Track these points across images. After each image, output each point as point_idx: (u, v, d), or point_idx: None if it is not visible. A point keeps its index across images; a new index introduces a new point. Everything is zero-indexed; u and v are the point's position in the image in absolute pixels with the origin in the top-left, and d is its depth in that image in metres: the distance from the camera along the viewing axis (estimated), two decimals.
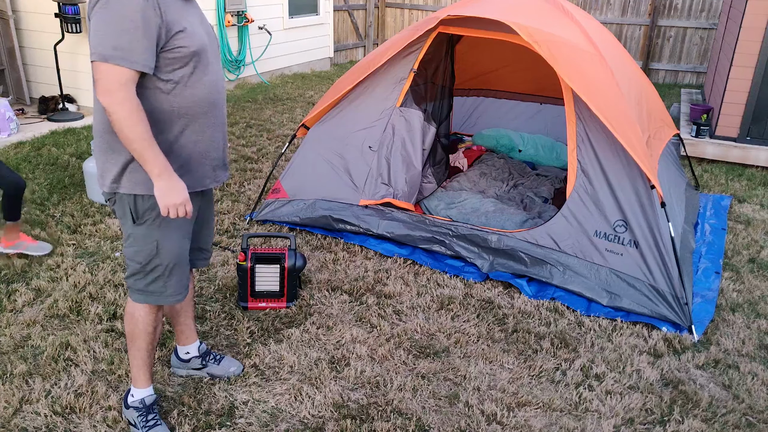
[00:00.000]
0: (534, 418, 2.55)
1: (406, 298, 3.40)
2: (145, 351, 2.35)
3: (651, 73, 9.98)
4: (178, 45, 1.99)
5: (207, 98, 2.13)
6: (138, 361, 2.36)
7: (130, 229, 2.17)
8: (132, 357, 2.36)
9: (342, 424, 2.47)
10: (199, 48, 2.05)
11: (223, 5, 7.84)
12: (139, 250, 2.18)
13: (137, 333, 2.32)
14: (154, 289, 2.26)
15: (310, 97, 8.23)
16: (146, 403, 2.38)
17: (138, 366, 2.37)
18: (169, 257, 2.22)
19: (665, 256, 3.23)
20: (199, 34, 2.07)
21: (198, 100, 2.10)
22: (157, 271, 2.22)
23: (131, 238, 2.18)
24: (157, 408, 2.42)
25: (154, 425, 2.36)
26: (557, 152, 5.48)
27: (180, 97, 2.06)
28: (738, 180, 5.47)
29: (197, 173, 2.21)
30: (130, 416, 2.39)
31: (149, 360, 2.38)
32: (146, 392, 2.40)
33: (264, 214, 4.20)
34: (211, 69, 2.14)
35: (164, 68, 2.00)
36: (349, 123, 4.08)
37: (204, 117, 2.15)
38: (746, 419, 2.60)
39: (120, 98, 1.89)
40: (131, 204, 2.12)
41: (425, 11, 11.33)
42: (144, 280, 2.23)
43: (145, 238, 2.16)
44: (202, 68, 2.09)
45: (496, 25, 3.72)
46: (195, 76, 2.07)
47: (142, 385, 2.39)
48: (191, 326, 2.68)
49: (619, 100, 3.47)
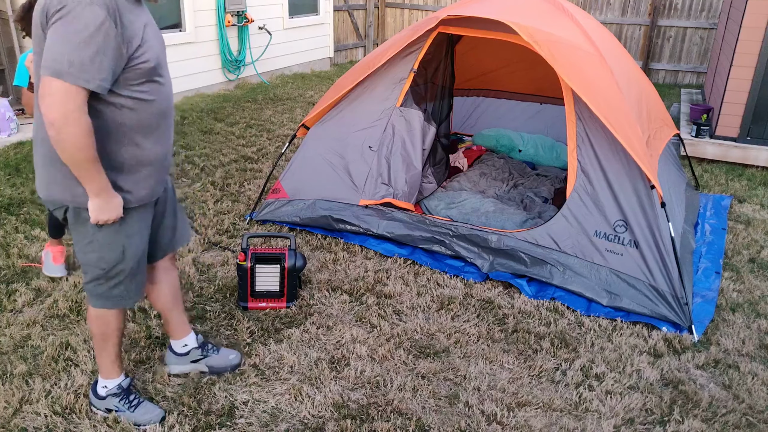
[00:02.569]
0: (534, 418, 2.55)
1: (406, 298, 3.39)
2: (118, 345, 2.38)
3: (651, 73, 9.98)
4: (138, 62, 1.95)
5: (165, 107, 2.12)
6: (111, 356, 2.39)
7: (90, 236, 2.10)
8: (105, 355, 2.38)
9: (342, 424, 2.47)
10: (156, 61, 2.02)
11: (223, 5, 7.84)
12: (103, 257, 2.13)
13: (109, 333, 2.33)
14: (117, 294, 2.24)
15: (310, 97, 8.23)
16: (123, 386, 2.43)
17: (111, 360, 2.39)
18: (132, 262, 2.21)
19: (665, 256, 3.23)
20: (154, 46, 2.02)
21: (158, 111, 2.09)
22: (120, 275, 2.20)
23: (93, 243, 2.11)
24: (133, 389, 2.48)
25: (138, 404, 2.42)
26: (557, 152, 5.48)
27: (144, 113, 2.03)
28: (738, 180, 5.47)
29: (159, 179, 2.20)
30: (110, 404, 2.42)
31: (120, 351, 2.42)
32: (120, 378, 2.44)
33: (264, 214, 4.20)
34: (166, 77, 2.12)
35: (127, 84, 1.95)
36: (349, 123, 4.08)
37: (164, 124, 2.14)
38: (746, 419, 2.60)
39: (73, 119, 1.81)
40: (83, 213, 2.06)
41: (425, 11, 11.33)
42: (106, 285, 2.21)
43: (110, 245, 2.12)
44: (160, 79, 2.07)
45: (496, 25, 3.72)
46: (155, 89, 2.05)
47: (116, 374, 2.43)
48: (184, 318, 2.68)
49: (619, 100, 3.47)
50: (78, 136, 1.82)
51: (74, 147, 1.83)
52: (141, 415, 2.41)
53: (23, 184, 4.68)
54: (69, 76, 1.78)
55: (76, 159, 1.86)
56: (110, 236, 2.11)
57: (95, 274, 2.19)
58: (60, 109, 1.78)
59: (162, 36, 2.14)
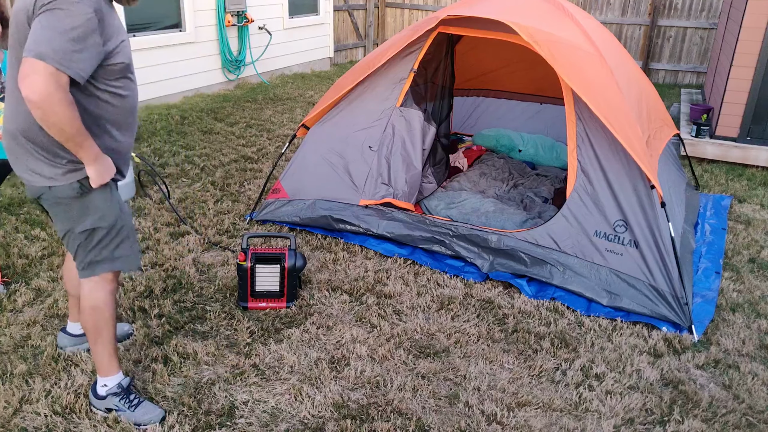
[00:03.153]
0: (534, 418, 2.55)
1: (406, 298, 3.39)
2: (112, 339, 2.41)
3: (651, 73, 9.99)
4: (115, 60, 2.08)
5: (135, 103, 2.27)
6: (107, 351, 2.41)
7: (84, 205, 2.19)
8: (100, 350, 2.40)
9: (342, 424, 2.47)
10: (129, 60, 2.16)
11: (223, 5, 7.84)
12: (104, 215, 2.23)
13: (103, 323, 2.36)
14: (122, 253, 2.32)
15: (310, 97, 8.23)
16: (123, 386, 2.45)
17: (108, 356, 2.42)
18: (129, 219, 2.35)
19: (665, 256, 3.23)
20: (126, 46, 2.15)
21: (130, 106, 2.23)
22: (123, 231, 2.30)
23: (90, 208, 2.20)
24: (133, 389, 2.51)
25: (138, 403, 2.44)
26: (557, 152, 5.48)
27: (120, 107, 2.17)
28: (738, 180, 5.48)
29: (125, 164, 2.35)
30: (110, 404, 2.44)
31: (115, 345, 2.45)
32: (120, 377, 2.47)
33: (264, 214, 4.20)
34: (135, 76, 2.26)
35: (105, 80, 2.08)
36: (349, 123, 4.08)
37: (131, 119, 2.27)
38: (746, 419, 2.60)
39: (58, 98, 1.89)
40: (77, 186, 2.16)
41: (425, 11, 11.33)
42: (111, 245, 2.28)
43: (106, 202, 2.23)
44: (131, 76, 2.21)
45: (496, 25, 3.72)
46: (128, 86, 2.19)
47: (114, 372, 2.45)
48: None
49: (619, 100, 3.47)
50: (63, 112, 1.91)
51: (62, 122, 1.92)
52: (141, 415, 2.42)
53: (23, 184, 4.68)
54: (52, 60, 1.86)
55: (66, 133, 1.95)
56: (104, 197, 2.22)
57: (99, 235, 2.25)
58: (42, 89, 1.85)
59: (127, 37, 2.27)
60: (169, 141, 5.97)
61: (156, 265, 3.63)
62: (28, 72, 1.85)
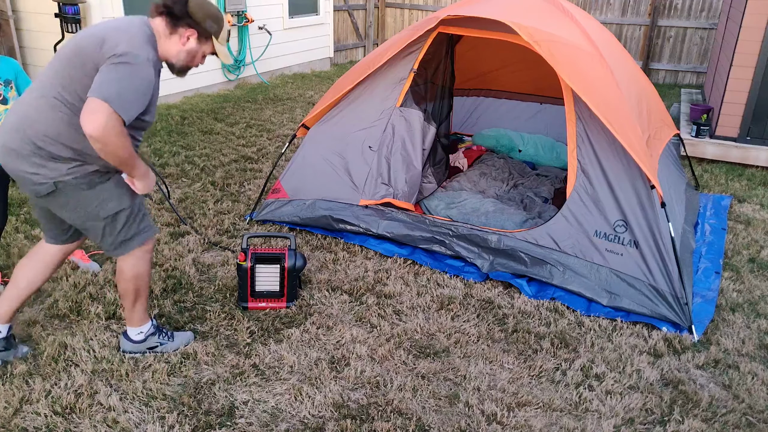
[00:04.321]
0: (534, 418, 2.55)
1: (406, 298, 3.39)
2: (147, 294, 2.75)
3: (651, 73, 9.99)
4: (144, 117, 2.44)
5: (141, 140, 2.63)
6: (144, 306, 2.74)
7: (102, 193, 2.45)
8: (138, 307, 2.71)
9: (342, 424, 2.47)
10: (153, 120, 2.54)
11: (223, 5, 7.84)
12: (122, 199, 2.50)
13: (143, 286, 2.69)
14: (146, 225, 2.64)
15: (310, 97, 8.23)
16: (156, 325, 2.83)
17: (144, 308, 2.74)
18: (139, 198, 2.61)
19: (665, 256, 3.23)
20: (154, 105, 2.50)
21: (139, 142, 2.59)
22: (141, 208, 2.62)
23: (109, 195, 2.46)
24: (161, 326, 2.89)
25: (172, 334, 2.86)
26: (557, 152, 5.48)
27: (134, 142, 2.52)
28: (738, 180, 5.48)
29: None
30: (151, 343, 2.79)
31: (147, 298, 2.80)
32: (151, 322, 2.82)
33: (264, 214, 4.20)
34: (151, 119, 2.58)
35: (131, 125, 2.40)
36: (349, 123, 4.08)
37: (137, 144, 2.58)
38: (746, 419, 2.60)
39: (115, 133, 2.20)
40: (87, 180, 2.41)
41: (425, 11, 11.33)
42: (135, 221, 2.57)
43: (119, 187, 2.50)
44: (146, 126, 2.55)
45: (496, 25, 3.72)
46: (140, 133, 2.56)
47: (148, 320, 2.80)
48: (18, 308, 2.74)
49: (619, 100, 3.47)
50: (117, 144, 2.23)
51: (117, 151, 2.24)
52: (179, 342, 2.85)
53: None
54: (115, 104, 2.18)
55: (121, 158, 2.28)
56: (116, 185, 2.50)
57: (124, 216, 2.53)
58: (102, 126, 2.16)
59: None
60: (169, 141, 5.97)
61: (156, 265, 3.63)
62: (93, 110, 2.15)
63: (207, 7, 2.48)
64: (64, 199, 2.44)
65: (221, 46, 2.57)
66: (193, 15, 2.43)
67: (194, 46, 2.50)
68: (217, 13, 2.51)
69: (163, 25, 2.43)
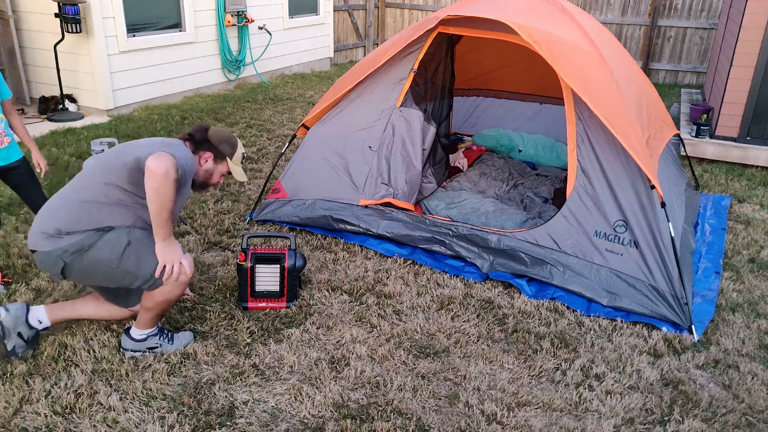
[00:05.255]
0: (534, 418, 2.55)
1: (406, 298, 3.39)
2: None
3: (651, 73, 9.99)
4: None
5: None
6: (160, 314, 2.79)
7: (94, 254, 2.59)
8: (155, 314, 2.76)
9: (342, 424, 2.47)
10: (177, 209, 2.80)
11: (223, 5, 7.84)
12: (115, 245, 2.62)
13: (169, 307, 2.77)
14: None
15: (310, 97, 8.23)
16: (159, 326, 2.88)
17: (158, 316, 2.80)
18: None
19: (665, 256, 3.23)
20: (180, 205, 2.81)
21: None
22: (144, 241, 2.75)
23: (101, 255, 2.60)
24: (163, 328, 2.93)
25: (172, 336, 2.89)
26: (557, 152, 5.48)
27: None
28: (738, 180, 5.48)
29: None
30: (151, 343, 2.83)
31: None
32: (158, 325, 2.87)
33: (264, 214, 4.20)
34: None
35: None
36: (349, 123, 4.08)
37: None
38: (746, 419, 2.60)
39: (172, 179, 2.48)
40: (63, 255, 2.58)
41: (425, 11, 11.33)
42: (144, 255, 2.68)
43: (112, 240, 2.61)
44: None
45: (496, 25, 3.72)
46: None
47: (154, 326, 2.84)
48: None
49: (619, 100, 3.47)
50: (170, 189, 2.48)
51: (165, 196, 2.47)
52: (179, 343, 2.89)
53: None
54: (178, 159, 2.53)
55: (163, 207, 2.49)
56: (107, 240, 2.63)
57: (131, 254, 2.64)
58: (167, 169, 2.45)
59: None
60: None
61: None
62: (162, 157, 2.45)
63: (223, 134, 2.87)
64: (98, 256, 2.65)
65: (236, 166, 2.90)
66: (211, 140, 2.83)
67: (211, 166, 2.85)
68: (231, 138, 2.89)
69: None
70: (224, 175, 2.92)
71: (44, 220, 2.59)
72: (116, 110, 6.78)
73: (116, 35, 6.56)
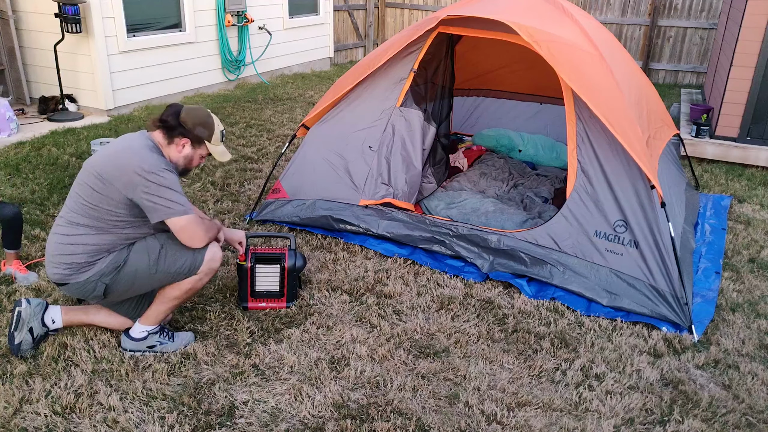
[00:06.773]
0: (534, 418, 2.55)
1: (406, 298, 3.39)
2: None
3: (651, 73, 9.99)
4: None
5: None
6: (169, 311, 2.83)
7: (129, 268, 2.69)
8: (165, 310, 2.80)
9: (342, 424, 2.47)
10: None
11: (223, 5, 7.84)
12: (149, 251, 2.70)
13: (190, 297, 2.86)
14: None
15: (310, 97, 8.23)
16: (160, 325, 2.88)
17: (166, 313, 2.82)
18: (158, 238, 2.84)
19: (665, 256, 3.23)
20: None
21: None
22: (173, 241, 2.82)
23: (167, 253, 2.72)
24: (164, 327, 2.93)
25: (173, 335, 2.88)
26: (557, 152, 5.48)
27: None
28: (738, 180, 5.48)
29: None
30: (151, 341, 2.82)
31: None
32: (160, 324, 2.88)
33: (264, 214, 4.20)
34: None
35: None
36: (349, 123, 4.08)
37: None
38: (746, 419, 2.61)
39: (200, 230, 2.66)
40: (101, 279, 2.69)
41: (425, 11, 11.34)
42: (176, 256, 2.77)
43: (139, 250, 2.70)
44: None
45: (496, 25, 3.72)
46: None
47: (157, 324, 2.84)
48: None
49: (619, 100, 3.47)
50: (204, 233, 2.70)
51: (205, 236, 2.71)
52: (179, 342, 2.88)
53: (23, 184, 4.68)
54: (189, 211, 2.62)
55: (210, 237, 2.75)
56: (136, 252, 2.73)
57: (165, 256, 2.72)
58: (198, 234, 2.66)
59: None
60: None
61: None
62: (185, 226, 2.61)
63: (196, 115, 2.73)
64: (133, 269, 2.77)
65: (215, 147, 2.81)
66: (184, 124, 2.70)
67: (189, 152, 2.76)
68: (206, 119, 2.75)
69: (161, 137, 2.71)
70: (204, 157, 2.84)
71: (63, 255, 2.62)
72: (116, 110, 6.78)
73: (116, 35, 6.56)
